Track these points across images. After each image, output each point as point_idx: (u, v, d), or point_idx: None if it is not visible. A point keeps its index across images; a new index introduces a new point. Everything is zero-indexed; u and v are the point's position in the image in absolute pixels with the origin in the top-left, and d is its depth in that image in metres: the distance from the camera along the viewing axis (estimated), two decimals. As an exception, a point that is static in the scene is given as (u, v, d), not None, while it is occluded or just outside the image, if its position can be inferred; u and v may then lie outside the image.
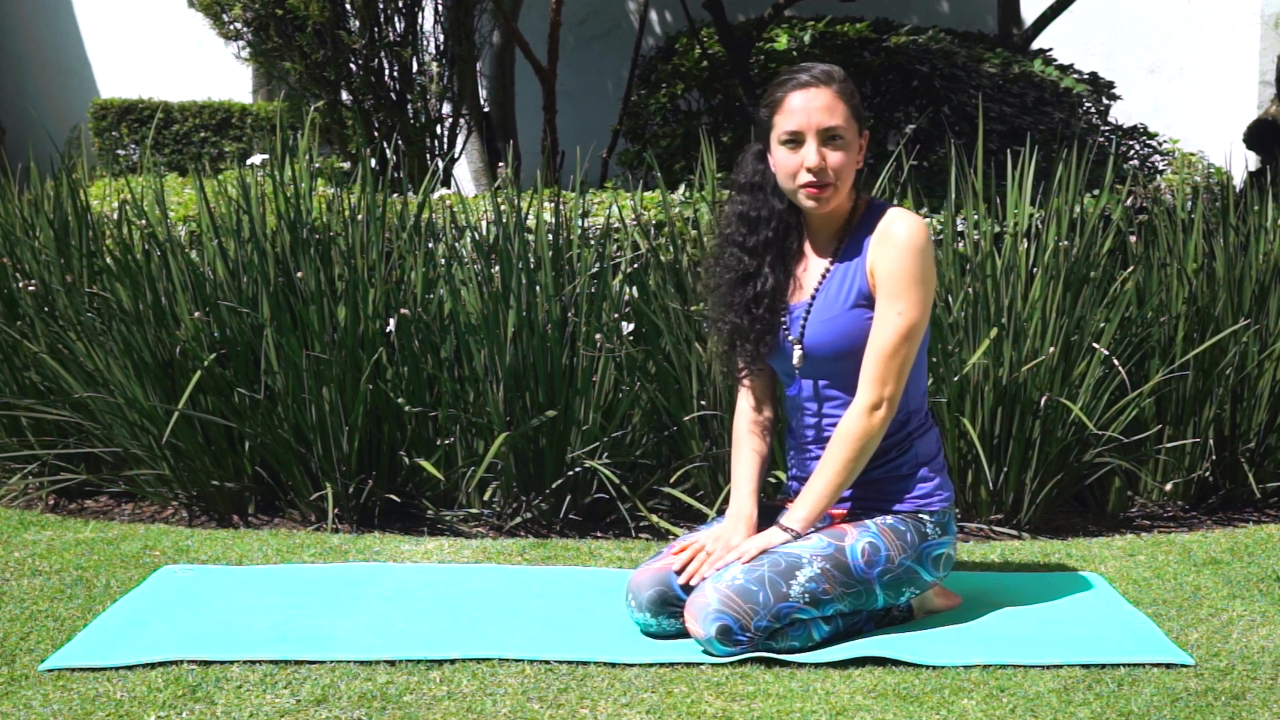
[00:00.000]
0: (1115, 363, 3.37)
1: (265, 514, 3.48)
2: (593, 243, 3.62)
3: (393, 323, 3.39)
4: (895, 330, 2.47)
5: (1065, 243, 3.42)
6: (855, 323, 2.52)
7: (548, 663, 2.38)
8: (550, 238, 3.44)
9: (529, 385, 3.33)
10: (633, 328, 3.43)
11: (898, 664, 2.38)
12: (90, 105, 7.15)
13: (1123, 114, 6.59)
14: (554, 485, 3.35)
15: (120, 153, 6.76)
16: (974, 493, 3.41)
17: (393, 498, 3.41)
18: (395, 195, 3.92)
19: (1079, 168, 3.56)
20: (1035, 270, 3.43)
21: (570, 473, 3.35)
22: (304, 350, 3.31)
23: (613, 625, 2.58)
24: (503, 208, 3.49)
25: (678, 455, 3.43)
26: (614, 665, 2.37)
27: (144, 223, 3.58)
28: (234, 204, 3.54)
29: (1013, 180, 3.60)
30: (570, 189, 3.81)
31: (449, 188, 5.41)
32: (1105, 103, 6.17)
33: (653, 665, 2.38)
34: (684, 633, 2.49)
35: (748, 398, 2.73)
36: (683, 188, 4.38)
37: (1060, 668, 2.37)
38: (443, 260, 3.54)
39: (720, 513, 2.87)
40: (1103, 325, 3.43)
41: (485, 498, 3.42)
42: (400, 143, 5.77)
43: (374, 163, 5.13)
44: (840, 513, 2.59)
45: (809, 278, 2.60)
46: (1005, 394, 3.34)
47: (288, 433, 3.35)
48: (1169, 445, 3.52)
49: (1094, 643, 2.49)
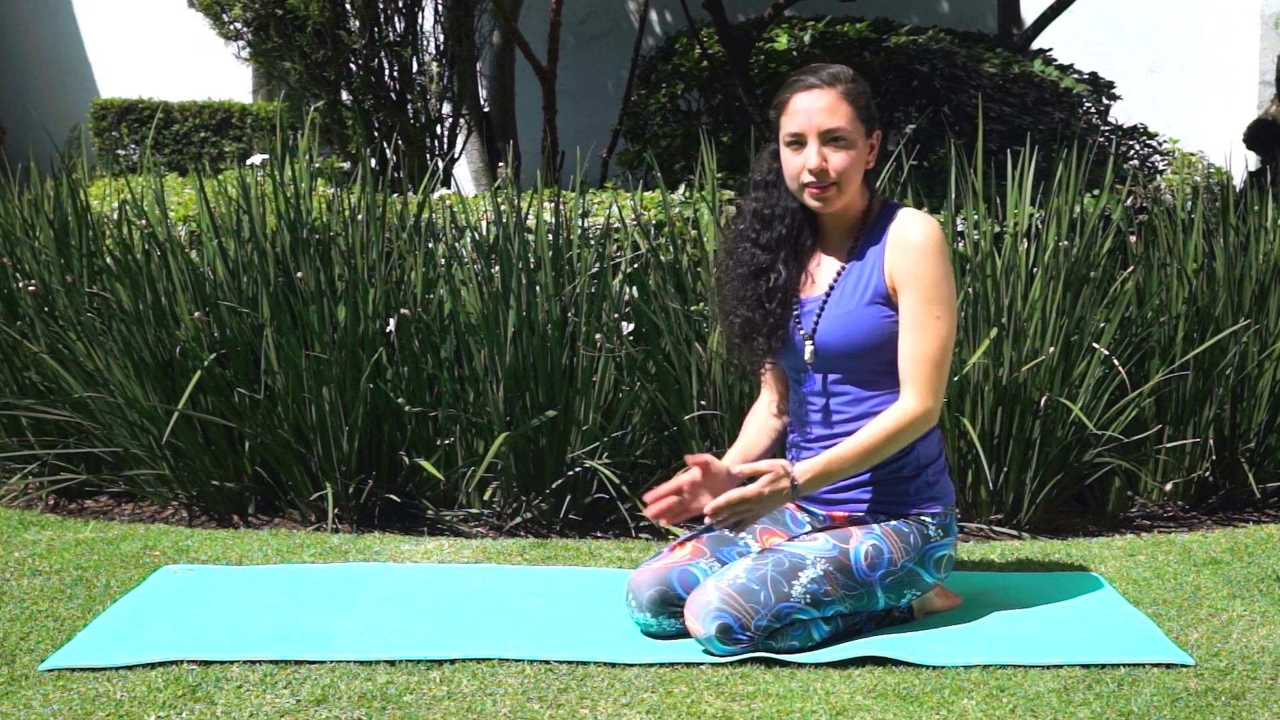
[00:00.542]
0: (1115, 363, 3.37)
1: (265, 514, 3.48)
2: (593, 243, 3.62)
3: (393, 323, 3.39)
4: (939, 335, 2.48)
5: (1065, 243, 3.42)
6: (871, 320, 2.53)
7: (548, 663, 2.38)
8: (550, 238, 3.44)
9: (529, 385, 3.33)
10: (633, 328, 3.43)
11: (898, 664, 2.38)
12: (90, 105, 7.15)
13: (1123, 114, 6.59)
14: (554, 485, 3.35)
15: (120, 153, 6.75)
16: (974, 493, 3.41)
17: (393, 498, 3.41)
18: (395, 195, 3.92)
19: (1079, 168, 3.56)
20: (1035, 270, 3.43)
21: (570, 473, 3.35)
22: (304, 350, 3.31)
23: (613, 625, 2.58)
24: (503, 208, 3.49)
25: (678, 455, 3.43)
26: (614, 665, 2.37)
27: (144, 223, 3.58)
28: (234, 204, 3.54)
29: (1013, 180, 3.60)
30: (570, 189, 3.81)
31: (449, 188, 5.41)
32: (1105, 103, 6.17)
33: (653, 665, 2.38)
34: (684, 633, 2.49)
35: (768, 393, 2.76)
36: (683, 188, 4.38)
37: (1060, 668, 2.37)
38: (443, 260, 3.54)
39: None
40: (1103, 325, 3.43)
41: (485, 498, 3.42)
42: (400, 143, 5.77)
43: (374, 163, 5.13)
44: (841, 515, 2.59)
45: (822, 274, 2.61)
46: (1005, 394, 3.34)
47: (288, 433, 3.35)
48: (1169, 445, 3.52)
49: (1094, 643, 2.49)
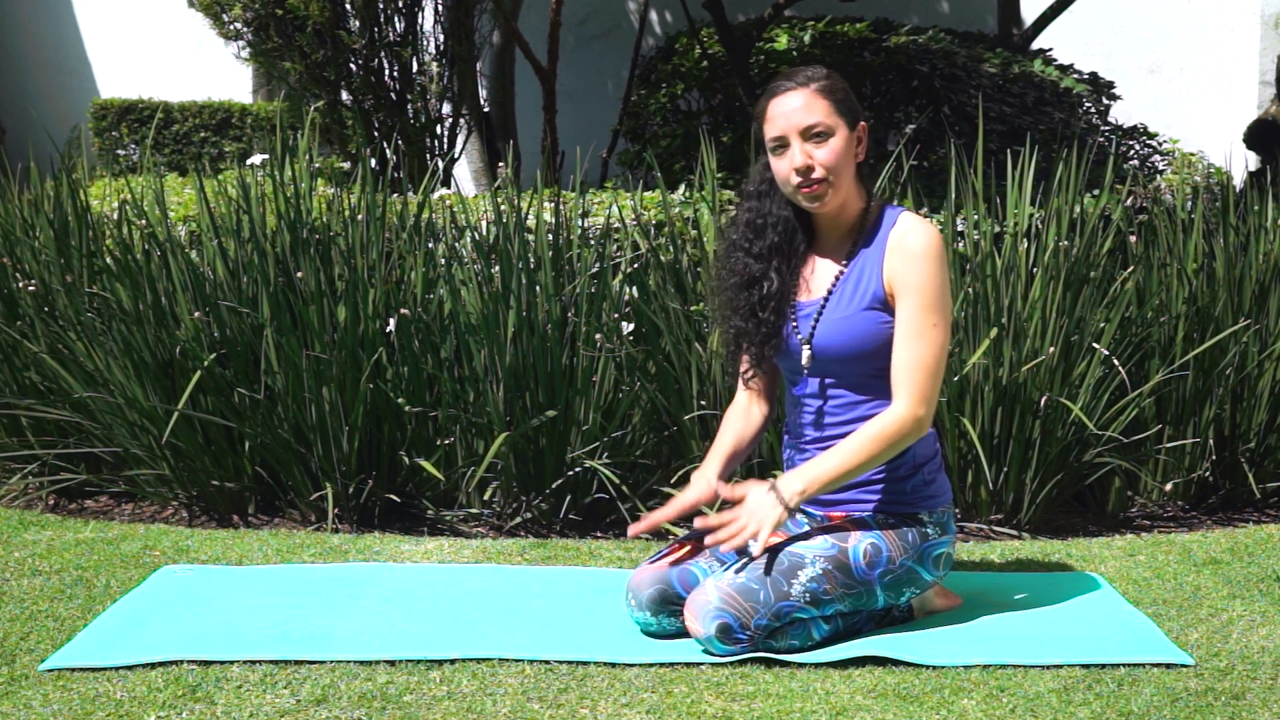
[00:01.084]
0: (1115, 363, 3.37)
1: (265, 514, 3.48)
2: (593, 243, 3.62)
3: (393, 323, 3.40)
4: (935, 343, 2.48)
5: (1065, 243, 3.42)
6: (868, 325, 2.52)
7: (548, 663, 2.38)
8: (550, 238, 3.44)
9: (529, 385, 3.33)
10: (633, 328, 3.43)
11: (898, 664, 2.38)
12: (90, 105, 7.15)
13: (1123, 114, 6.59)
14: (554, 485, 3.35)
15: (120, 153, 6.76)
16: (974, 493, 3.41)
17: (393, 498, 3.41)
18: (395, 195, 3.92)
19: (1079, 168, 3.56)
20: (1035, 270, 3.43)
21: (570, 473, 3.35)
22: (304, 350, 3.31)
23: (613, 625, 2.58)
24: (503, 208, 3.49)
25: (678, 455, 3.43)
26: (614, 665, 2.37)
27: (144, 223, 3.58)
28: (234, 204, 3.54)
29: (1013, 180, 3.60)
30: (570, 189, 3.81)
31: (449, 188, 5.41)
32: (1105, 103, 6.18)
33: (653, 665, 2.38)
34: (684, 632, 2.49)
35: (745, 393, 2.75)
36: (683, 188, 4.38)
37: (1060, 668, 2.37)
38: (443, 260, 3.54)
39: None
40: (1103, 325, 3.43)
41: (485, 498, 3.42)
42: (400, 143, 5.77)
43: (374, 163, 5.14)
44: (839, 515, 2.59)
45: (819, 279, 2.60)
46: (1005, 394, 3.34)
47: (288, 433, 3.35)
48: (1169, 445, 3.52)
49: (1094, 643, 2.49)
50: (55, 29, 8.13)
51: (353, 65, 5.75)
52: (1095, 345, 3.37)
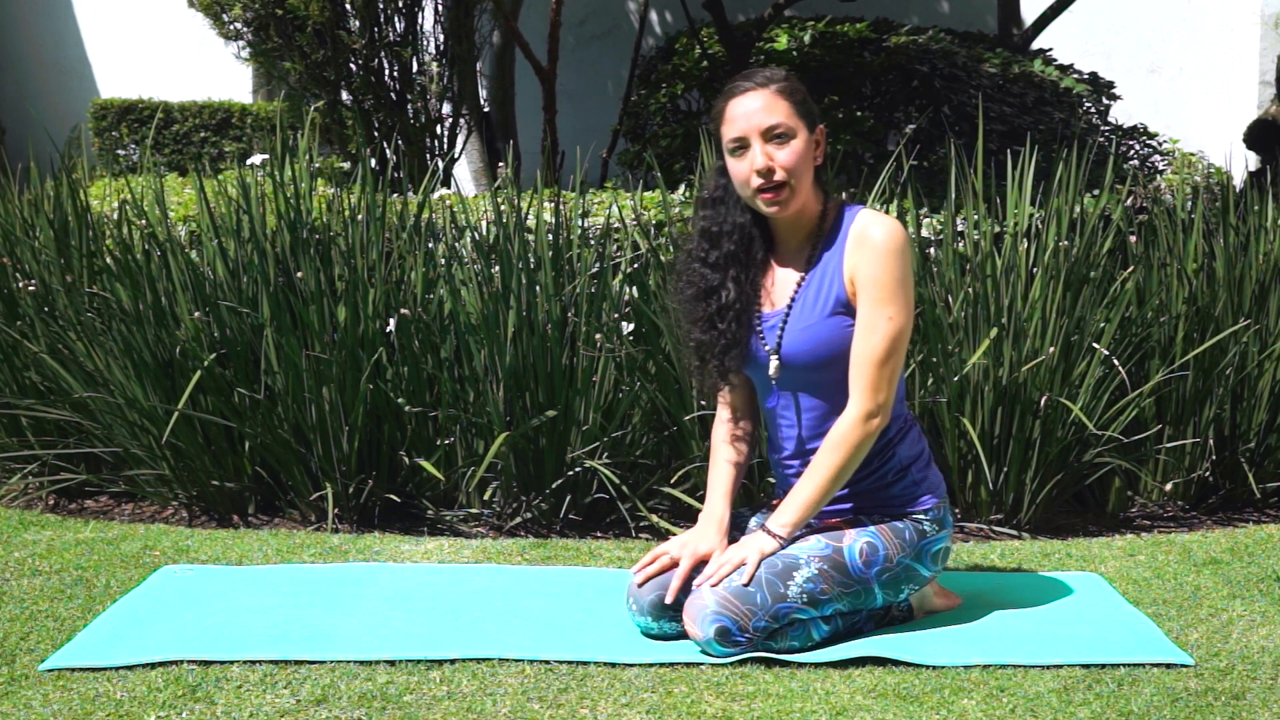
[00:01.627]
0: (1115, 363, 3.37)
1: (265, 514, 3.48)
2: (593, 243, 3.62)
3: (393, 323, 3.39)
4: (886, 336, 2.44)
5: (1065, 243, 3.42)
6: (834, 331, 2.49)
7: (548, 663, 2.38)
8: (550, 238, 3.44)
9: (529, 385, 3.33)
10: (633, 328, 3.43)
11: (898, 664, 2.38)
12: (90, 105, 7.15)
13: (1123, 114, 6.59)
14: (554, 485, 3.35)
15: (120, 153, 6.75)
16: (974, 493, 3.41)
17: (393, 498, 3.41)
18: (395, 195, 3.92)
19: (1079, 168, 3.56)
20: (1035, 270, 3.43)
21: (570, 473, 3.35)
22: (304, 350, 3.31)
23: (613, 625, 2.58)
24: (503, 208, 3.49)
25: (678, 455, 3.43)
26: (614, 665, 2.37)
27: (144, 223, 3.58)
28: (234, 204, 3.54)
29: (1013, 180, 3.60)
30: (570, 189, 3.81)
31: (449, 188, 5.41)
32: (1105, 103, 6.17)
33: (653, 665, 2.38)
34: (685, 634, 2.49)
35: (725, 409, 2.71)
36: (683, 188, 4.38)
37: (1060, 668, 2.37)
38: (443, 260, 3.54)
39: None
40: (1103, 325, 3.43)
41: (485, 498, 3.42)
42: (400, 143, 5.77)
43: (374, 163, 5.14)
44: (834, 522, 2.58)
45: (781, 287, 2.56)
46: (1005, 394, 3.34)
47: (288, 433, 3.35)
48: (1169, 445, 3.52)
49: (1094, 643, 2.49)
50: (55, 29, 8.13)
51: (353, 65, 5.75)
52: (1095, 345, 3.37)
